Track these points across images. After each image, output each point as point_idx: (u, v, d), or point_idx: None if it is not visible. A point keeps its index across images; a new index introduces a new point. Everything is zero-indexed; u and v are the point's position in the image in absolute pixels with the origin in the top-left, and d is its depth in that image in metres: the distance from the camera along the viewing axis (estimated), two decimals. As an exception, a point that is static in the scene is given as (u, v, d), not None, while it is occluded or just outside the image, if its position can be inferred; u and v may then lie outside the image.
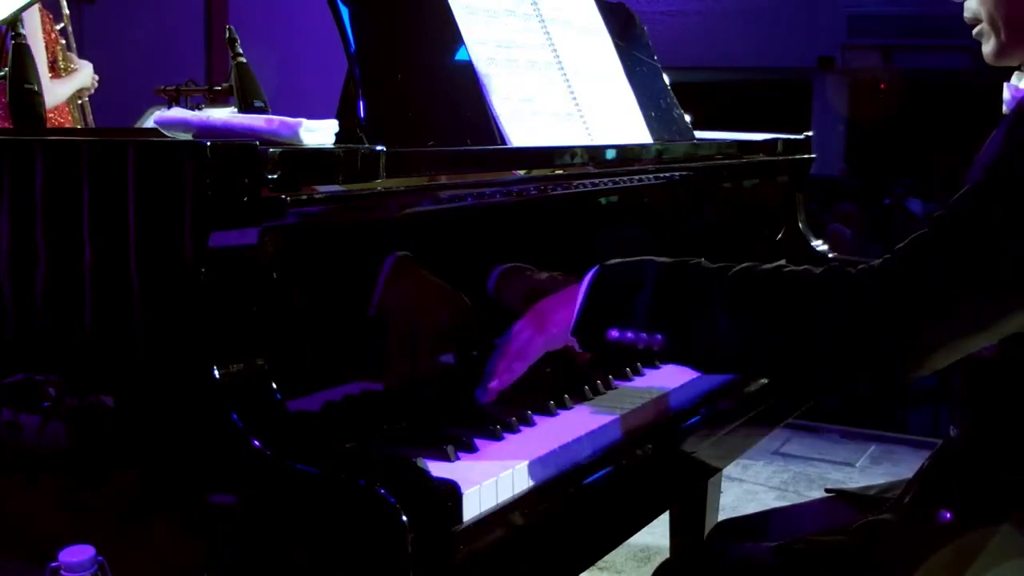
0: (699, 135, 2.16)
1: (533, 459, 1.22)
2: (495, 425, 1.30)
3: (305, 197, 1.14)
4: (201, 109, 2.69)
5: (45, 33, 3.34)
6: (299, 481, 1.03)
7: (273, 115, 1.23)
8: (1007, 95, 1.41)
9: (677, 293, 1.27)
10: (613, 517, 1.34)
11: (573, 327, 1.32)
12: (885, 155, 12.92)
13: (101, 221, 1.17)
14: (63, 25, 3.63)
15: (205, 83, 3.02)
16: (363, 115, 1.37)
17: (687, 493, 2.23)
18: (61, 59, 3.51)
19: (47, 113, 2.59)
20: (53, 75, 3.38)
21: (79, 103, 3.57)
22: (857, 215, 8.54)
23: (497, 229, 1.57)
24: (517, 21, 1.73)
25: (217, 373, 1.08)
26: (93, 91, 3.62)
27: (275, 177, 1.10)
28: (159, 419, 1.14)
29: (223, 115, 1.30)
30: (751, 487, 3.91)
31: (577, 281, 1.37)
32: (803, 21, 13.18)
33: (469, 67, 1.59)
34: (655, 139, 1.94)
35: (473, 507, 1.11)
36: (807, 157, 2.46)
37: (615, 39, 1.98)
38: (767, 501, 3.75)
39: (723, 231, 2.26)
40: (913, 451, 4.27)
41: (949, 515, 1.37)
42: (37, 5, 3.19)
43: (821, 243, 2.51)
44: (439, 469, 1.14)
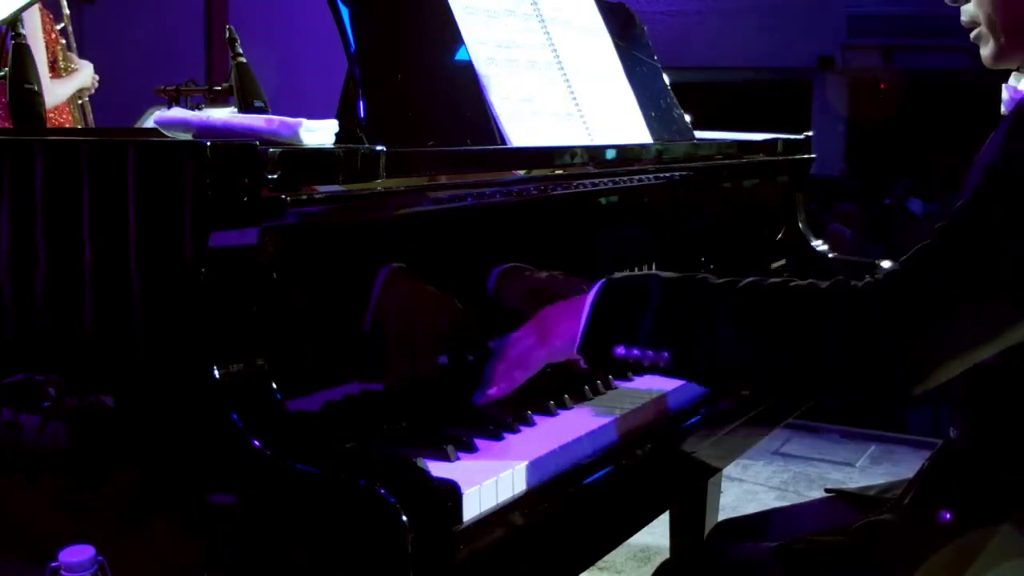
0: (699, 135, 2.16)
1: (533, 459, 1.22)
2: (495, 425, 1.30)
3: (305, 197, 1.14)
4: (201, 109, 2.69)
5: (45, 33, 3.35)
6: (299, 481, 1.03)
7: (273, 115, 1.23)
8: (1006, 96, 1.41)
9: (682, 309, 1.25)
10: (613, 517, 1.34)
11: (578, 345, 1.30)
12: (885, 155, 12.94)
13: (101, 221, 1.17)
14: (63, 25, 3.63)
15: (205, 83, 3.02)
16: (363, 115, 1.37)
17: (687, 493, 2.23)
18: (61, 59, 3.51)
19: (47, 113, 2.59)
20: (53, 75, 3.38)
21: (79, 103, 3.57)
22: (857, 215, 8.55)
23: (497, 229, 1.57)
24: (517, 21, 1.73)
25: (217, 373, 1.08)
26: (93, 91, 3.62)
27: (275, 177, 1.10)
28: (159, 419, 1.14)
29: (223, 115, 1.30)
30: (751, 487, 3.91)
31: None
32: (803, 21, 13.20)
33: (469, 67, 1.59)
34: (655, 139, 1.94)
35: (473, 507, 1.11)
36: (807, 157, 2.46)
37: (615, 39, 1.98)
38: (767, 501, 3.74)
39: (723, 231, 2.26)
40: (913, 451, 4.27)
41: (949, 515, 1.37)
42: (37, 5, 3.19)
43: (821, 243, 2.51)
44: (439, 469, 1.14)
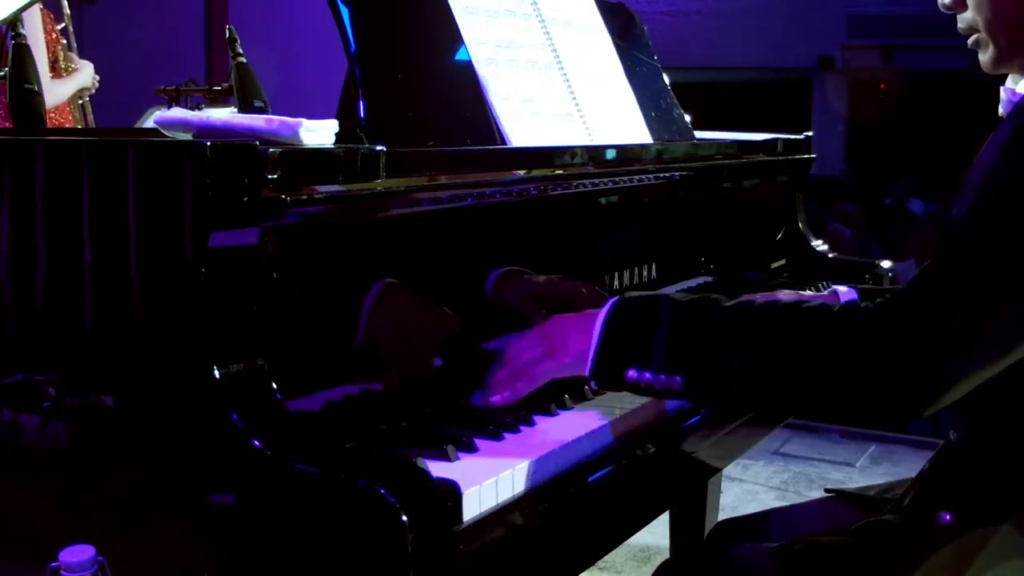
0: (699, 135, 2.16)
1: (533, 459, 1.22)
2: (495, 425, 1.30)
3: (305, 197, 1.14)
4: (201, 109, 2.69)
5: (46, 33, 3.35)
6: (299, 481, 1.03)
7: (273, 115, 1.23)
8: (1003, 98, 1.41)
9: (694, 333, 1.24)
10: (613, 517, 1.34)
11: (590, 369, 1.28)
12: (885, 155, 12.95)
13: (101, 221, 1.17)
14: (64, 25, 3.63)
15: (205, 83, 3.02)
16: (363, 115, 1.37)
17: (687, 493, 2.23)
18: (62, 59, 3.51)
19: (47, 113, 2.60)
20: (54, 75, 3.39)
21: (79, 103, 3.57)
22: (857, 215, 8.54)
23: (497, 229, 1.57)
24: (517, 21, 1.73)
25: (217, 373, 1.08)
26: (93, 91, 3.62)
27: (275, 177, 1.10)
28: (159, 419, 1.14)
29: (223, 115, 1.30)
30: (751, 487, 3.91)
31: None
32: (803, 21, 13.21)
33: (469, 67, 1.59)
34: (655, 139, 1.94)
35: (473, 507, 1.11)
36: (807, 157, 2.46)
37: (615, 39, 1.98)
38: (767, 501, 3.74)
39: (723, 231, 2.26)
40: (913, 451, 4.26)
41: (949, 516, 1.37)
42: (37, 5, 3.19)
43: (821, 243, 2.51)
44: (439, 469, 1.13)
